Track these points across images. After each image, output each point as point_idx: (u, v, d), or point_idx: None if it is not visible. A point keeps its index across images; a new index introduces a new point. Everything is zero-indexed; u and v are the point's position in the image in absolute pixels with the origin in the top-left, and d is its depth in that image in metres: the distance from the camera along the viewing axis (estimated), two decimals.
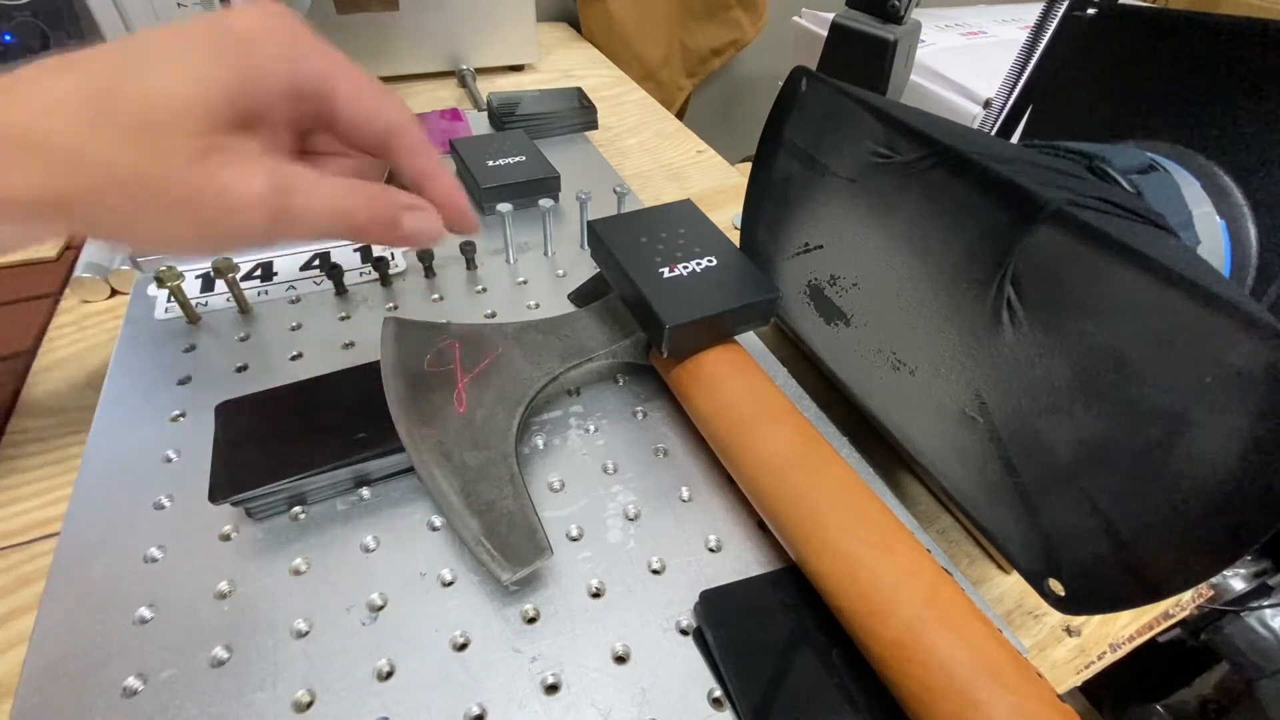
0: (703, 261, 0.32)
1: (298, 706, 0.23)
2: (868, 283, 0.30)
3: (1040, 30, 0.40)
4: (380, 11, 0.67)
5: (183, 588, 0.26)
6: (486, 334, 0.33)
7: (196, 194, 0.20)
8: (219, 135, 0.21)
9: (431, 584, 0.27)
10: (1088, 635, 0.31)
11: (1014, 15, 0.76)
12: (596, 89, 0.73)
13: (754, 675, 0.23)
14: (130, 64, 0.20)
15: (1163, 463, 0.20)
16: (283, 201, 0.21)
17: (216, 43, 0.21)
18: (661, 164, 0.62)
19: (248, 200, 0.21)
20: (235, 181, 0.21)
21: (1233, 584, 0.56)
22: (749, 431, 0.28)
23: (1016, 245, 0.23)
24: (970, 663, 0.20)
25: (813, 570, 0.25)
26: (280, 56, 0.22)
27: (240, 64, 0.21)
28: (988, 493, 0.26)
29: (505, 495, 0.27)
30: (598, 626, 0.26)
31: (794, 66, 0.32)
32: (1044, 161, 0.28)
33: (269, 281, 0.41)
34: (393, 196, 0.24)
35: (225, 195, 0.21)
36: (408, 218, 0.24)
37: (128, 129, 0.19)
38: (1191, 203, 0.29)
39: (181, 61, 0.20)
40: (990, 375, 0.25)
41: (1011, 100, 0.42)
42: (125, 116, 0.19)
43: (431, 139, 0.57)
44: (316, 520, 0.29)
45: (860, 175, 0.29)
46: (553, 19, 0.96)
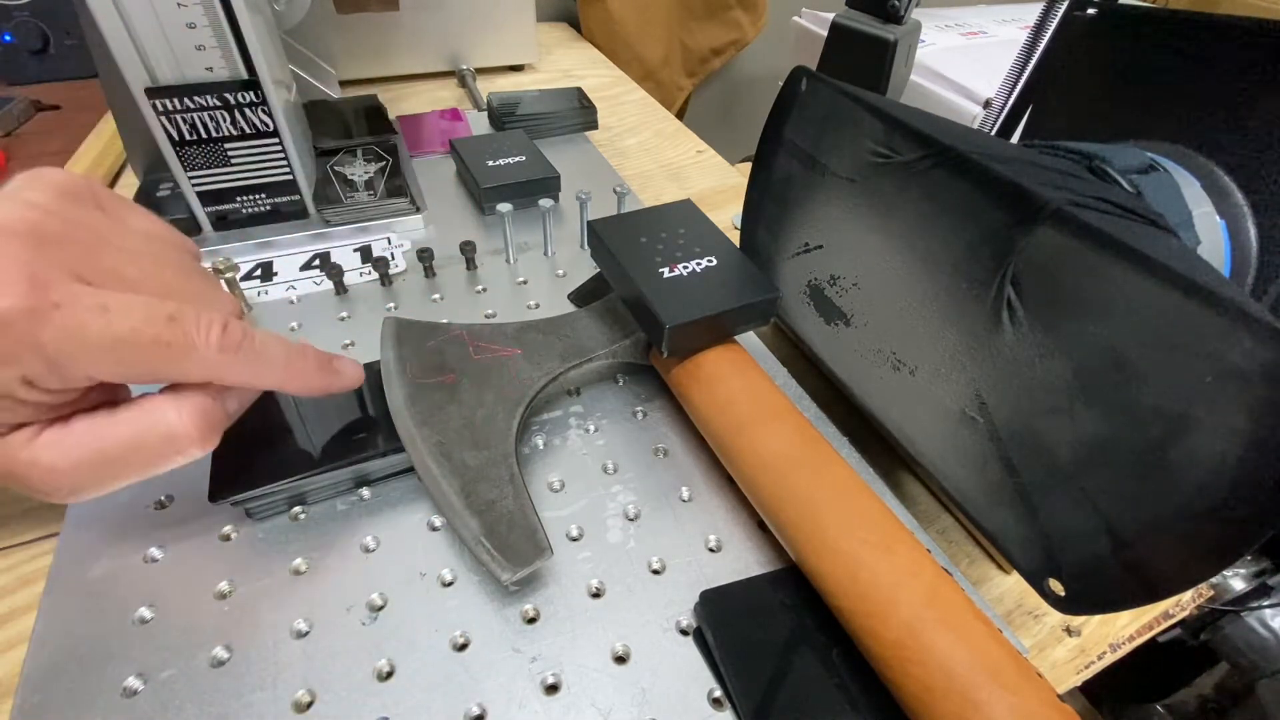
0: (703, 261, 0.32)
1: (298, 706, 0.23)
2: (868, 283, 0.30)
3: (1040, 30, 0.40)
4: (380, 11, 0.67)
5: (183, 588, 0.26)
6: (487, 334, 0.33)
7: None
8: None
9: (431, 584, 0.27)
10: (1088, 635, 0.31)
11: (1014, 15, 0.76)
12: (596, 89, 0.73)
13: (754, 675, 0.23)
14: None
15: (1163, 463, 0.20)
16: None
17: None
18: (661, 164, 0.62)
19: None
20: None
21: (1233, 584, 0.56)
22: (749, 431, 0.28)
23: (1016, 245, 0.23)
24: (970, 663, 0.20)
25: (813, 570, 0.25)
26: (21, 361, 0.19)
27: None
28: (988, 493, 0.26)
29: (505, 495, 0.27)
30: (598, 626, 0.26)
31: (794, 66, 0.32)
32: (1044, 161, 0.28)
33: (269, 281, 0.41)
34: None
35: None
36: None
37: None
38: (1191, 203, 0.29)
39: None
40: (990, 375, 0.25)
41: (1011, 100, 0.42)
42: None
43: (431, 139, 0.57)
44: (316, 520, 0.29)
45: (860, 175, 0.29)
46: (553, 19, 0.96)
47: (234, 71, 0.38)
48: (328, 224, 0.45)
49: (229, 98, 0.38)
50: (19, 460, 0.20)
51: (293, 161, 0.43)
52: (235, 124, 0.40)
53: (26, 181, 0.21)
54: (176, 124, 0.38)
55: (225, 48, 0.37)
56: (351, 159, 0.49)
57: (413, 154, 0.56)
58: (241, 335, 0.22)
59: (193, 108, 0.38)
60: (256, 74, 0.38)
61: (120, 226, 0.22)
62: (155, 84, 0.37)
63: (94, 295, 0.19)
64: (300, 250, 0.44)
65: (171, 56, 0.36)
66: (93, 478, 0.21)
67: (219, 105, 0.38)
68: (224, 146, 0.40)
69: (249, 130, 0.40)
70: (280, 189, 0.43)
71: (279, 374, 0.24)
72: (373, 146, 0.51)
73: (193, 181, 0.41)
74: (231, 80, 0.38)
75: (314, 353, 0.26)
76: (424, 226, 0.47)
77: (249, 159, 0.41)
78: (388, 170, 0.49)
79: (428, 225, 0.47)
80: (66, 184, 0.21)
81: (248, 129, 0.40)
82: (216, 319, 0.22)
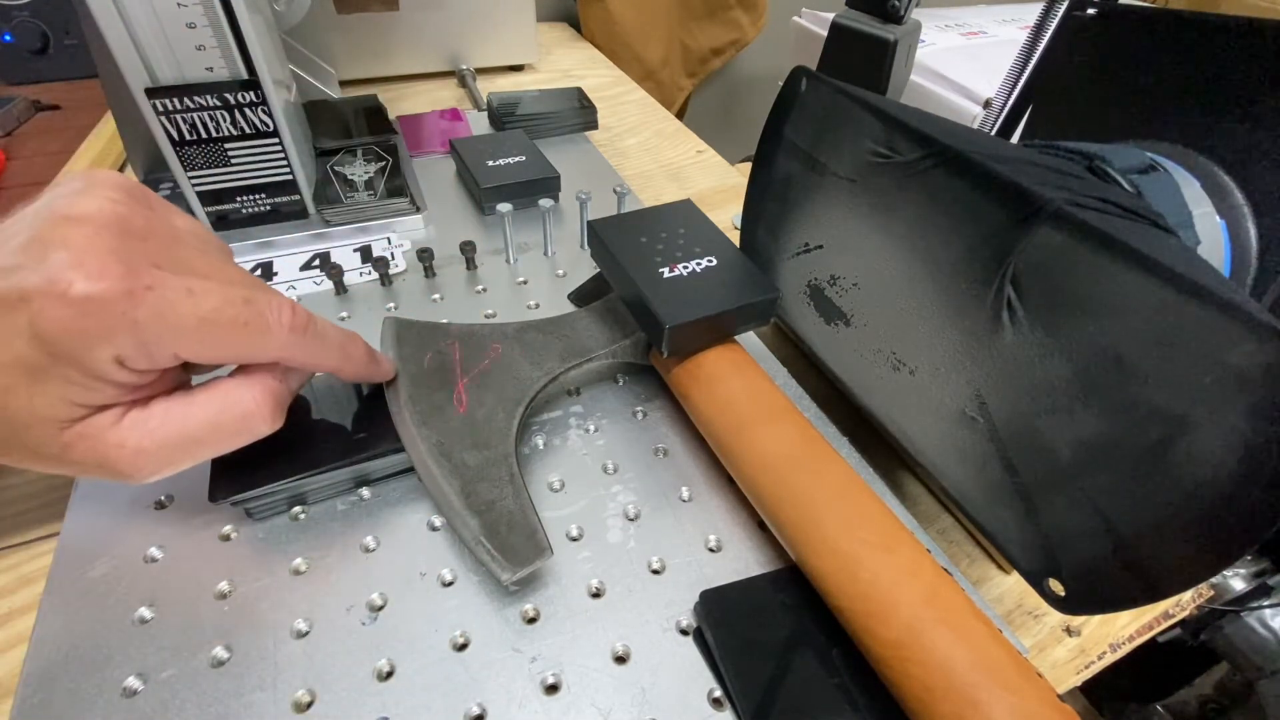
0: (703, 261, 0.32)
1: (298, 706, 0.23)
2: (868, 283, 0.30)
3: (1040, 30, 0.40)
4: (380, 11, 0.67)
5: (183, 588, 0.26)
6: (486, 334, 0.33)
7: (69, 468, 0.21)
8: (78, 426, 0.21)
9: (431, 584, 0.27)
10: (1088, 635, 0.31)
11: (1014, 15, 0.76)
12: (596, 89, 0.73)
13: (754, 675, 0.23)
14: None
15: (1162, 463, 0.20)
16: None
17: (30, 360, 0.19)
18: (661, 164, 0.62)
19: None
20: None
21: (1233, 584, 0.56)
22: (749, 431, 0.28)
23: (1016, 245, 0.23)
24: (970, 663, 0.20)
25: (813, 570, 0.25)
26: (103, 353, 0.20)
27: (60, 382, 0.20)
28: (988, 493, 0.26)
29: (505, 495, 0.27)
30: (598, 626, 0.26)
31: (794, 66, 0.32)
32: (1044, 161, 0.28)
33: (269, 281, 0.41)
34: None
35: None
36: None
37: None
38: (1191, 203, 0.29)
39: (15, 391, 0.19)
40: (990, 375, 0.25)
41: (1011, 100, 0.42)
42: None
43: (431, 139, 0.57)
44: (316, 520, 0.29)
45: (860, 175, 0.29)
46: (553, 19, 0.96)
47: (234, 71, 0.38)
48: (328, 224, 0.45)
49: (229, 98, 0.38)
50: (107, 443, 0.21)
51: (293, 161, 0.43)
52: (235, 124, 0.40)
53: (93, 180, 0.21)
54: (176, 124, 0.38)
55: (225, 48, 0.37)
56: (351, 159, 0.49)
57: (413, 154, 0.56)
58: (307, 318, 0.24)
59: (193, 108, 0.38)
60: (256, 74, 0.38)
61: (174, 226, 0.23)
62: (155, 84, 0.37)
63: (180, 279, 0.21)
64: (300, 250, 0.44)
65: (171, 56, 0.36)
66: (175, 457, 0.22)
67: (219, 105, 0.38)
68: (224, 146, 0.40)
69: (249, 130, 0.40)
70: (280, 189, 0.43)
71: (336, 357, 0.26)
72: (373, 146, 0.51)
73: (193, 181, 0.41)
74: (231, 80, 0.38)
75: (362, 341, 0.28)
76: (424, 226, 0.47)
77: (249, 159, 0.41)
78: (388, 170, 0.49)
79: (428, 225, 0.47)
80: (129, 185, 0.22)
81: (248, 129, 0.40)
82: (285, 302, 0.23)
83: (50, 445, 0.20)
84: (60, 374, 0.19)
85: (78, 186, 0.21)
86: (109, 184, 0.21)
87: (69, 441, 0.20)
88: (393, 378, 0.30)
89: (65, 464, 0.21)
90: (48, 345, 0.19)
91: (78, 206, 0.20)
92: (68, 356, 0.19)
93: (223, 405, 0.23)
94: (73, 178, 0.21)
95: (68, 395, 0.20)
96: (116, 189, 0.21)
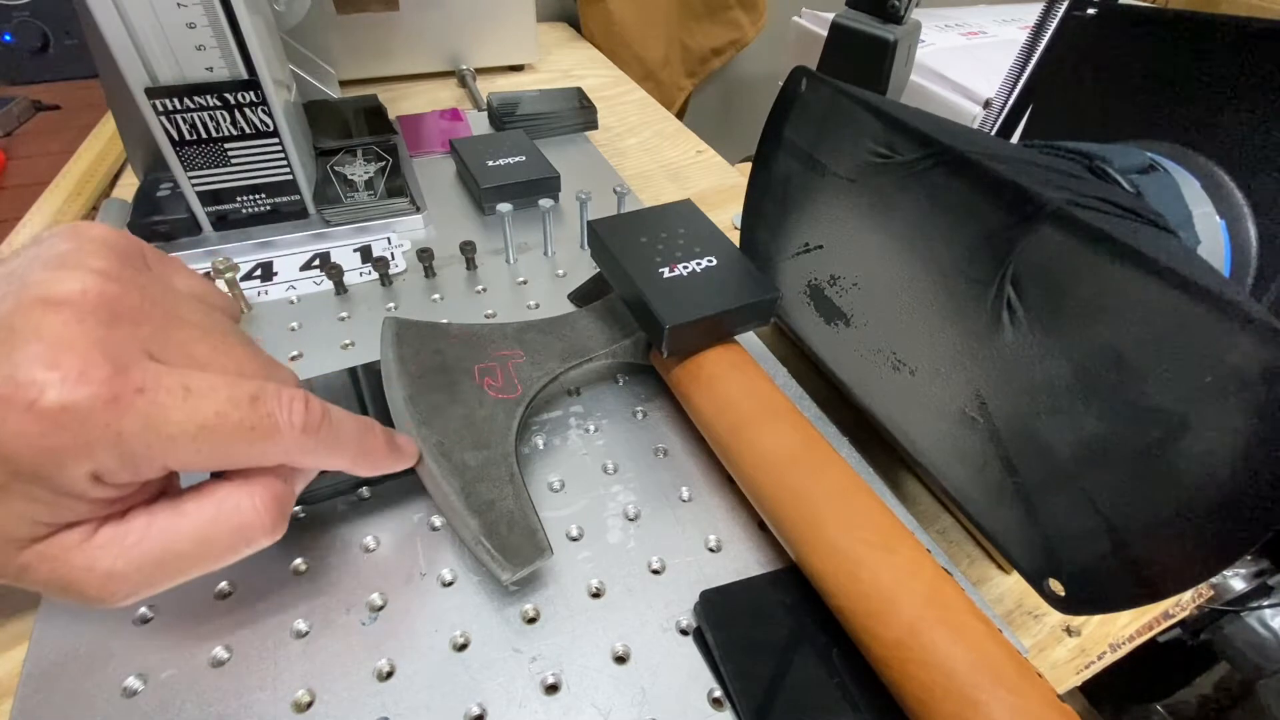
0: (703, 261, 0.32)
1: (298, 706, 0.23)
2: (868, 283, 0.30)
3: (1040, 30, 0.40)
4: (380, 11, 0.67)
5: (183, 588, 0.26)
6: (486, 334, 0.33)
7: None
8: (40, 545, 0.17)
9: (431, 584, 0.27)
10: (1088, 635, 0.31)
11: (1014, 15, 0.76)
12: (596, 89, 0.73)
13: (754, 675, 0.23)
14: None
15: (1162, 463, 0.20)
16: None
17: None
18: (661, 164, 0.62)
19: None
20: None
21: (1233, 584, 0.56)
22: (749, 431, 0.28)
23: (1016, 245, 0.23)
24: (970, 663, 0.20)
25: (813, 570, 0.25)
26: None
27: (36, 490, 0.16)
28: (988, 493, 0.26)
29: (505, 495, 0.27)
30: (598, 626, 0.26)
31: (794, 66, 0.32)
32: (1044, 161, 0.28)
33: (269, 281, 0.41)
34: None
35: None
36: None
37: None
38: (1191, 203, 0.29)
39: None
40: (990, 375, 0.25)
41: (1011, 100, 0.42)
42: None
43: (431, 139, 0.57)
44: (316, 520, 0.29)
45: (860, 175, 0.29)
46: (553, 19, 0.96)
47: (234, 71, 0.38)
48: (328, 224, 0.45)
49: (229, 98, 0.38)
50: (73, 566, 0.17)
51: (293, 161, 0.43)
52: (235, 124, 0.40)
53: (77, 243, 0.18)
54: (176, 124, 0.38)
55: (225, 48, 0.37)
56: (351, 159, 0.50)
57: (413, 154, 0.56)
58: (321, 414, 0.21)
59: (193, 108, 0.38)
60: (256, 74, 0.38)
61: (173, 292, 0.20)
62: (155, 84, 0.37)
63: (175, 376, 0.17)
64: (300, 250, 0.44)
65: (171, 56, 0.36)
66: (154, 579, 0.19)
67: (219, 105, 0.38)
68: (224, 146, 0.40)
69: (249, 130, 0.40)
70: (280, 189, 0.43)
71: (351, 453, 0.23)
72: (373, 146, 0.51)
73: (193, 181, 0.41)
74: (231, 80, 0.38)
75: (380, 429, 0.24)
76: (424, 226, 0.47)
77: (249, 159, 0.41)
78: (388, 170, 0.49)
79: (428, 225, 0.47)
80: (120, 245, 0.19)
81: (248, 129, 0.40)
82: (298, 396, 0.20)
83: (6, 565, 0.17)
84: (22, 491, 0.16)
85: (62, 251, 0.17)
86: (97, 249, 0.18)
87: (27, 563, 0.17)
88: (417, 462, 0.27)
89: (24, 583, 0.18)
90: (8, 462, 0.15)
91: (58, 286, 0.16)
92: (31, 475, 0.16)
93: (216, 515, 0.19)
94: (58, 236, 0.18)
95: (29, 514, 0.16)
96: (106, 255, 0.18)
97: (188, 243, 0.43)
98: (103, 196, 0.51)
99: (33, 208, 0.48)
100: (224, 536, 0.20)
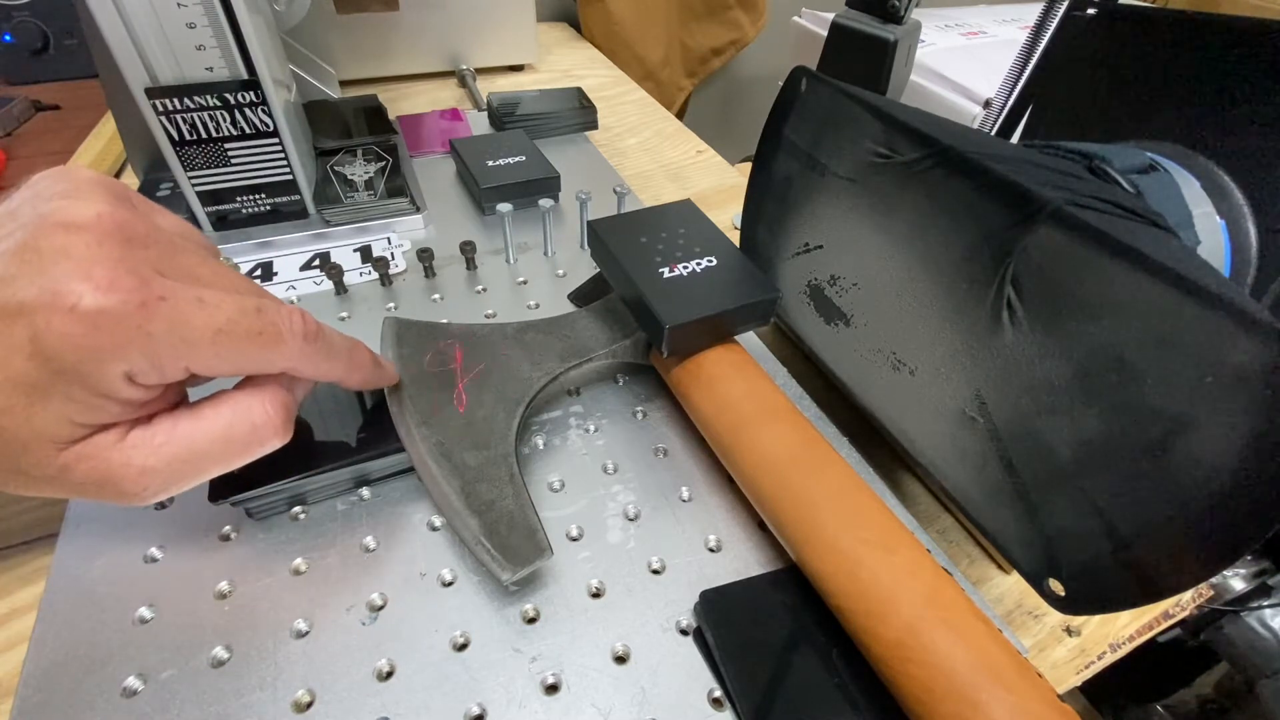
0: (703, 261, 0.32)
1: (298, 706, 0.23)
2: (868, 283, 0.30)
3: (1040, 30, 0.40)
4: (380, 11, 0.67)
5: (183, 588, 0.26)
6: (486, 334, 0.33)
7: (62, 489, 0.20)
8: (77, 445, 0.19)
9: (431, 584, 0.27)
10: (1088, 635, 0.31)
11: (1014, 15, 0.76)
12: (596, 89, 0.73)
13: (754, 675, 0.23)
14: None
15: (1162, 463, 0.20)
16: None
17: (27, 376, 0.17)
18: (661, 164, 0.62)
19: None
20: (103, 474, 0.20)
21: (1233, 584, 0.56)
22: (749, 431, 0.28)
23: (1016, 245, 0.23)
24: (970, 663, 0.20)
25: (813, 570, 0.25)
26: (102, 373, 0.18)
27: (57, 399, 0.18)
28: (988, 493, 0.26)
29: (505, 495, 0.27)
30: (598, 626, 0.26)
31: (794, 66, 0.32)
32: (1044, 161, 0.28)
33: (269, 281, 0.41)
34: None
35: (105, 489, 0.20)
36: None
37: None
38: (1191, 203, 0.29)
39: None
40: (990, 375, 0.25)
41: (1011, 100, 0.42)
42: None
43: (431, 139, 0.57)
44: (316, 520, 0.29)
45: (860, 175, 0.29)
46: (553, 19, 0.96)
47: (234, 71, 0.38)
48: (328, 224, 0.45)
49: (229, 98, 0.38)
50: (112, 462, 0.20)
51: (293, 161, 0.43)
52: (235, 124, 0.40)
53: (78, 181, 0.19)
54: (176, 124, 0.38)
55: (225, 48, 0.37)
56: (351, 159, 0.49)
57: (413, 154, 0.56)
58: (317, 326, 0.23)
59: (193, 108, 0.38)
60: (256, 74, 0.38)
61: (166, 230, 0.21)
62: (155, 84, 0.37)
63: (189, 289, 0.19)
64: (300, 250, 0.44)
65: (171, 56, 0.36)
66: (183, 474, 0.21)
67: (219, 105, 0.38)
68: (224, 146, 0.40)
69: (249, 130, 0.40)
70: (280, 189, 0.43)
71: (343, 365, 0.25)
72: (373, 146, 0.51)
73: (193, 181, 0.41)
74: (231, 80, 0.38)
75: (365, 347, 0.27)
76: (424, 226, 0.47)
77: (249, 159, 0.41)
78: (388, 170, 0.49)
79: (428, 225, 0.47)
80: (115, 186, 0.20)
81: (248, 129, 0.40)
82: (295, 310, 0.22)
83: (47, 467, 0.19)
84: (63, 392, 0.18)
85: (64, 188, 0.19)
86: (94, 186, 0.20)
87: (67, 463, 0.19)
88: (396, 383, 0.30)
89: (63, 486, 0.20)
90: (52, 362, 0.17)
91: (73, 212, 0.18)
92: (74, 373, 0.18)
93: (232, 419, 0.22)
94: (50, 178, 0.20)
95: (69, 414, 0.18)
96: (104, 190, 0.19)
97: None
98: None
99: None
100: (241, 436, 0.22)
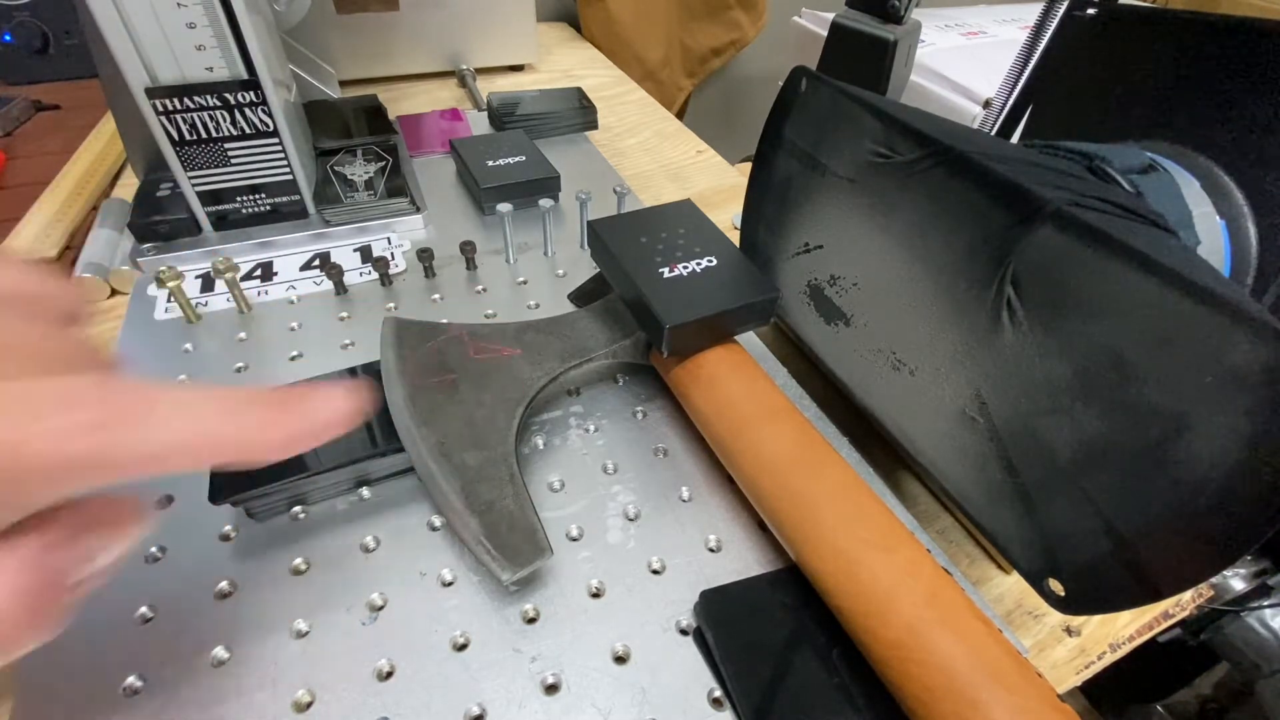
0: (703, 261, 0.32)
1: (298, 706, 0.23)
2: (868, 283, 0.30)
3: (1040, 30, 0.40)
4: (380, 11, 0.67)
5: (183, 588, 0.26)
6: (486, 334, 0.33)
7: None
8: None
9: (431, 584, 0.27)
10: (1088, 635, 0.31)
11: (1014, 15, 0.76)
12: (596, 89, 0.73)
13: (754, 675, 0.23)
14: None
15: (1162, 463, 0.20)
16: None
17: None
18: (661, 164, 0.62)
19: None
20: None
21: (1233, 584, 0.56)
22: (749, 431, 0.28)
23: (1016, 245, 0.23)
24: (970, 663, 0.20)
25: (813, 570, 0.25)
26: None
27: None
28: (988, 493, 0.26)
29: (505, 495, 0.27)
30: (598, 626, 0.26)
31: (794, 66, 0.32)
32: (1044, 161, 0.28)
33: (269, 281, 0.41)
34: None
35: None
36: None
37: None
38: (1191, 203, 0.29)
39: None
40: (990, 375, 0.25)
41: (1011, 100, 0.42)
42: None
43: (431, 139, 0.57)
44: (316, 520, 0.29)
45: (860, 175, 0.29)
46: (553, 19, 0.96)
47: (234, 71, 0.38)
48: (328, 224, 0.45)
49: (229, 98, 0.38)
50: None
51: (293, 161, 0.43)
52: (235, 124, 0.40)
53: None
54: (176, 124, 0.38)
55: (225, 48, 0.37)
56: (351, 159, 0.49)
57: (413, 154, 0.56)
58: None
59: (193, 108, 0.38)
60: (256, 74, 0.38)
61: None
62: (155, 84, 0.37)
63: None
64: (300, 250, 0.44)
65: (171, 56, 0.36)
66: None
67: (219, 105, 0.38)
68: (224, 146, 0.40)
69: (249, 130, 0.40)
70: (280, 189, 0.43)
71: (198, 444, 0.15)
72: (373, 146, 0.51)
73: (193, 181, 0.41)
74: (231, 80, 0.38)
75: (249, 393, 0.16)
76: (424, 226, 0.47)
77: (249, 159, 0.41)
78: (388, 170, 0.49)
79: (428, 225, 0.47)
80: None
81: (248, 129, 0.40)
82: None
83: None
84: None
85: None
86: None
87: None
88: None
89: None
90: None
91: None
92: None
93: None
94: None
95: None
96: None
97: (188, 243, 0.43)
98: (103, 196, 0.51)
99: (33, 208, 0.48)
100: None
